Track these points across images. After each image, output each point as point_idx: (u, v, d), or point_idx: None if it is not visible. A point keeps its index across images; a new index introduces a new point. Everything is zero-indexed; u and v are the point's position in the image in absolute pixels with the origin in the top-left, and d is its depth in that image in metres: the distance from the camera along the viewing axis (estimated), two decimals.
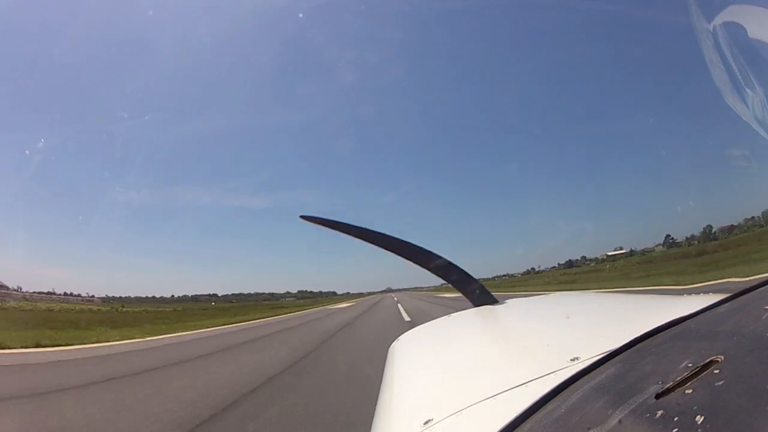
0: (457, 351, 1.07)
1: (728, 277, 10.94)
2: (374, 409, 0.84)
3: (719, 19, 1.72)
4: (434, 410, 0.65)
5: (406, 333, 1.31)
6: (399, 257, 1.67)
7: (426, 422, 0.61)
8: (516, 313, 1.47)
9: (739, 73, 1.63)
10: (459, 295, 1.67)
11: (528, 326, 1.22)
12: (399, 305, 22.54)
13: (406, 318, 13.75)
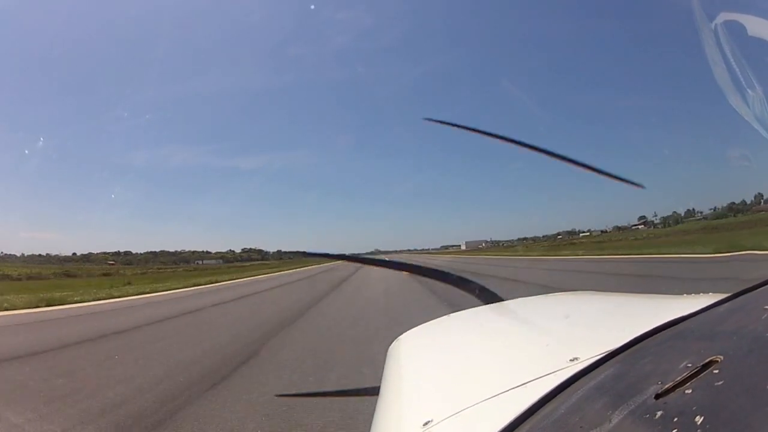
0: (457, 351, 1.07)
1: None
2: (374, 410, 0.84)
3: (721, 18, 1.72)
4: (434, 411, 0.64)
5: (405, 333, 1.31)
6: None
7: (426, 423, 0.61)
8: (515, 313, 1.47)
9: (740, 73, 1.63)
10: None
11: (527, 326, 1.22)
12: None
13: None
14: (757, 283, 0.77)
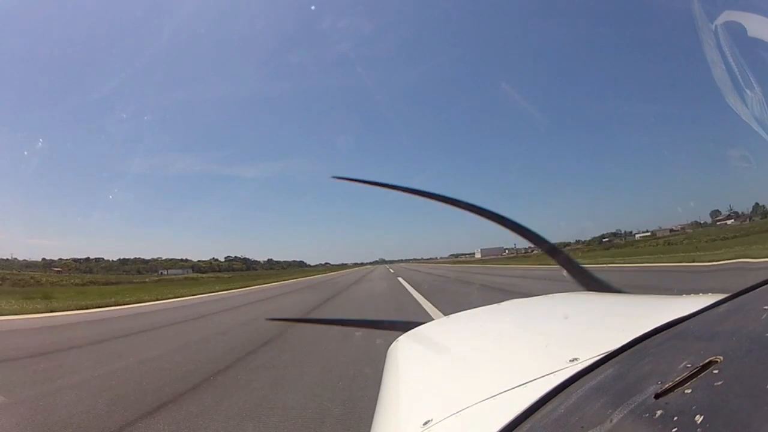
0: (457, 351, 1.07)
1: None
2: (374, 410, 0.84)
3: (721, 19, 1.72)
4: (434, 410, 0.64)
5: (405, 333, 1.31)
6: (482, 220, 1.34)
7: (425, 423, 0.61)
8: (515, 313, 1.47)
9: (739, 74, 1.64)
10: None
11: (527, 326, 1.22)
12: None
13: None
14: (756, 284, 0.77)
